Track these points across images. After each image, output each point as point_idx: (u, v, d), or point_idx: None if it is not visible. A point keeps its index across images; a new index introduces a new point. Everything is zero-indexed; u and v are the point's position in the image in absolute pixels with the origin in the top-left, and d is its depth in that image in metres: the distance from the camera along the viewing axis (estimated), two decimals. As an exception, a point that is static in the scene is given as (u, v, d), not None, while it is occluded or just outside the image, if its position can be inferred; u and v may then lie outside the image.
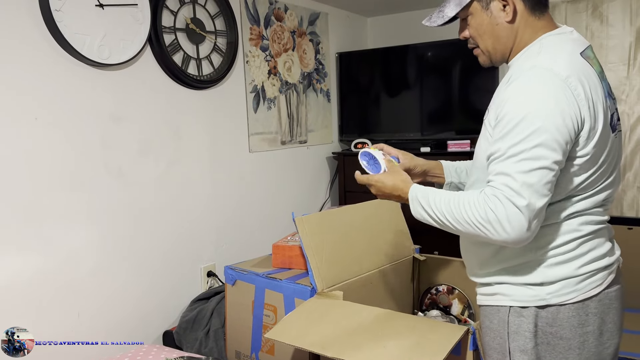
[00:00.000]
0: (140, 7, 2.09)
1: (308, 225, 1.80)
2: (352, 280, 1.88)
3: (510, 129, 1.07)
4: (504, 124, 1.08)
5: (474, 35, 1.25)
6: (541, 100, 1.06)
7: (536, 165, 1.04)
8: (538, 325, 1.16)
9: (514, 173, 1.05)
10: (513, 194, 1.04)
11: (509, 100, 1.09)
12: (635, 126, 2.86)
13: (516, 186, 1.04)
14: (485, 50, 1.26)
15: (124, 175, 2.12)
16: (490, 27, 1.22)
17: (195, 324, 2.26)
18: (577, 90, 1.07)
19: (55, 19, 1.81)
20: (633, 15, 2.80)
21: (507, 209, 1.04)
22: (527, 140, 1.04)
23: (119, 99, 2.10)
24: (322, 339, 1.48)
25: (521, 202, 1.03)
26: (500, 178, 1.07)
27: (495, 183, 1.08)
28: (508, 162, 1.06)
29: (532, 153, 1.04)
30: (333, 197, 3.41)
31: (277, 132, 2.94)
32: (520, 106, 1.07)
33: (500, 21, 1.20)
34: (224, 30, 2.53)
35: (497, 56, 1.25)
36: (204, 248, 2.51)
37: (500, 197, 1.05)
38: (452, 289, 2.10)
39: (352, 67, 3.39)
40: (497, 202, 1.05)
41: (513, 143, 1.06)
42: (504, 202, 1.05)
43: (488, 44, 1.24)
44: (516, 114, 1.06)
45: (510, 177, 1.05)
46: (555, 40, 1.17)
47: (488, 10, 1.21)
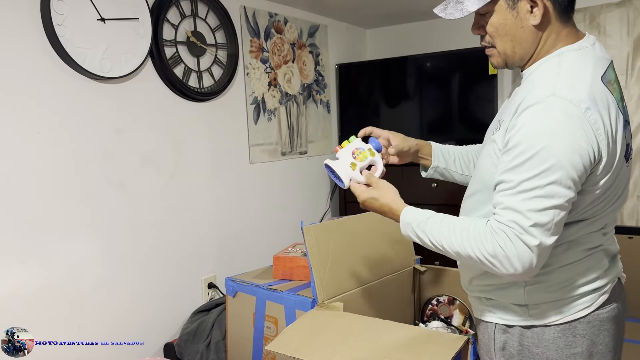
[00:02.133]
0: (141, 21, 2.11)
1: (315, 235, 1.80)
2: (352, 292, 1.88)
3: (523, 161, 0.99)
4: (517, 154, 1.01)
5: (492, 35, 1.13)
6: (559, 134, 0.98)
7: (549, 204, 0.98)
8: (524, 345, 1.14)
9: (526, 211, 0.99)
10: (523, 232, 0.99)
11: (523, 128, 1.01)
12: (634, 136, 2.87)
13: (527, 225, 0.98)
14: (503, 52, 1.14)
15: (125, 187, 2.13)
16: (513, 28, 1.10)
17: (196, 336, 2.26)
18: (597, 124, 1.00)
19: (58, 33, 1.83)
20: (630, 25, 2.82)
21: (517, 247, 0.99)
22: (541, 176, 0.98)
23: (120, 111, 2.11)
24: (323, 351, 1.48)
25: (532, 242, 0.98)
26: (510, 214, 1.00)
27: (503, 219, 1.01)
28: (519, 197, 0.99)
29: (545, 191, 0.98)
30: (334, 208, 3.42)
31: (278, 143, 2.95)
32: (535, 138, 0.99)
33: (526, 24, 1.09)
34: (225, 43, 2.55)
35: (514, 60, 1.14)
36: (204, 259, 2.51)
37: (509, 235, 1.00)
38: (453, 300, 2.09)
39: (352, 78, 3.41)
40: (507, 240, 1.00)
41: (526, 177, 0.99)
42: (514, 239, 0.99)
43: (507, 46, 1.12)
44: (531, 145, 0.99)
45: (522, 215, 0.99)
46: (576, 58, 1.08)
47: (514, 10, 1.09)
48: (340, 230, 1.90)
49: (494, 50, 1.15)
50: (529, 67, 1.14)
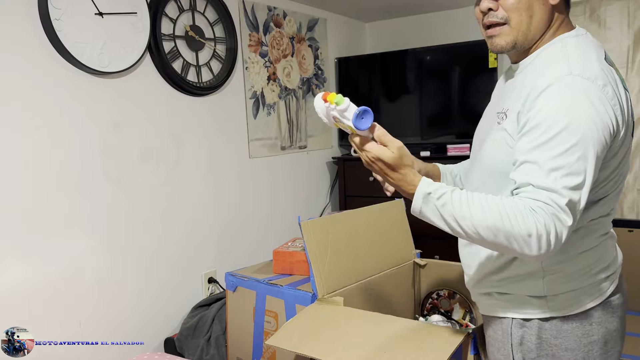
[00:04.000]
0: (139, 16, 2.10)
1: (313, 230, 1.80)
2: (352, 286, 1.88)
3: (548, 139, 0.98)
4: (540, 133, 0.99)
5: (512, 8, 1.09)
6: (580, 110, 0.98)
7: (579, 181, 0.97)
8: (542, 337, 1.13)
9: (561, 189, 0.96)
10: (560, 210, 0.96)
11: (545, 107, 1.00)
12: (635, 129, 2.87)
13: (563, 203, 0.96)
14: (518, 28, 1.10)
15: (124, 182, 2.13)
16: (537, 4, 1.08)
17: (197, 330, 2.26)
18: (614, 100, 1.02)
19: (55, 28, 1.82)
20: (631, 18, 2.81)
21: (557, 227, 0.96)
22: (569, 152, 0.97)
23: (119, 106, 2.10)
24: (323, 345, 1.48)
25: (568, 222, 0.96)
26: (546, 193, 0.97)
27: (541, 196, 0.97)
28: (551, 176, 0.97)
29: (575, 168, 0.97)
30: (333, 202, 3.42)
31: (277, 137, 2.94)
32: (559, 115, 0.98)
33: (547, 2, 1.09)
34: (223, 37, 2.54)
35: (527, 39, 1.11)
36: (204, 254, 2.51)
37: (548, 213, 0.96)
38: (453, 294, 2.09)
39: (351, 72, 3.40)
40: (547, 218, 0.96)
41: (554, 155, 0.97)
42: (553, 218, 0.96)
43: (525, 22, 1.09)
44: (555, 123, 0.98)
45: (557, 194, 0.96)
46: (577, 43, 1.10)
47: None
48: (339, 224, 1.89)
49: (505, 27, 1.11)
50: (531, 53, 1.14)
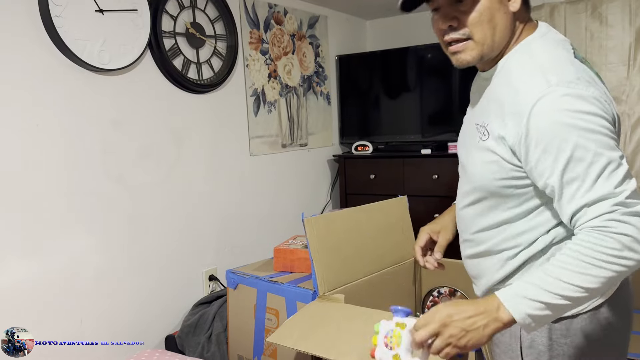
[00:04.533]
0: (140, 13, 2.09)
1: (316, 227, 1.80)
2: (354, 283, 1.88)
3: (568, 159, 0.94)
4: (555, 156, 0.95)
5: (473, 23, 1.04)
6: (580, 116, 0.94)
7: (622, 173, 0.94)
8: (552, 338, 1.11)
9: (613, 190, 0.92)
10: (627, 206, 0.91)
11: (542, 130, 0.96)
12: (636, 127, 2.86)
13: (624, 198, 0.92)
14: (483, 42, 1.05)
15: (125, 180, 2.13)
16: (497, 14, 1.04)
17: (198, 328, 2.26)
18: (598, 93, 0.99)
19: (56, 25, 1.81)
20: (632, 15, 2.80)
21: (636, 221, 0.91)
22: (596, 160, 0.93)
23: (119, 104, 2.10)
24: (324, 343, 1.48)
25: (638, 207, 0.91)
26: (603, 203, 0.92)
27: (602, 208, 0.92)
28: (597, 185, 0.93)
29: (610, 167, 0.93)
30: (334, 200, 3.41)
31: (278, 135, 2.94)
32: (563, 133, 0.94)
33: (507, 10, 1.05)
34: (224, 35, 2.54)
35: (493, 50, 1.07)
36: (205, 252, 2.51)
37: (621, 217, 0.91)
38: (454, 291, 2.09)
39: (352, 69, 3.40)
40: (623, 225, 0.90)
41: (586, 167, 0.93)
42: (629, 218, 0.91)
43: (489, 34, 1.05)
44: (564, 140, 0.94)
45: (614, 197, 0.92)
46: (544, 46, 1.07)
47: None
48: (341, 221, 1.89)
49: (469, 42, 1.07)
50: (499, 61, 1.10)
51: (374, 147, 3.29)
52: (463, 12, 1.05)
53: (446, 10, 1.07)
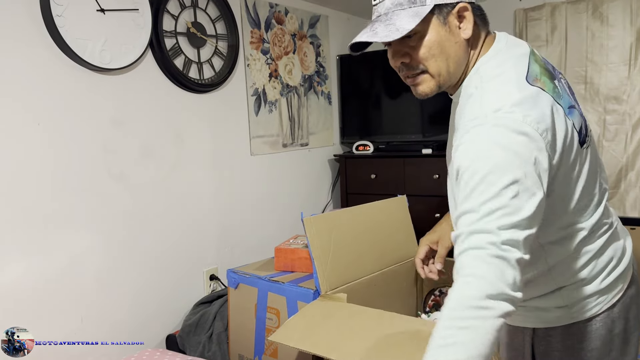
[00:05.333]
0: (141, 12, 2.09)
1: (316, 226, 1.80)
2: (355, 282, 1.88)
3: (476, 184, 0.90)
4: (466, 180, 0.92)
5: (425, 57, 1.02)
6: (502, 150, 0.90)
7: (517, 219, 0.88)
8: (567, 344, 1.12)
9: (496, 229, 0.87)
10: (501, 250, 0.87)
11: (463, 154, 0.94)
12: (637, 126, 2.86)
13: (500, 242, 0.87)
14: (438, 73, 1.03)
15: (126, 179, 2.13)
16: (448, 45, 1.02)
17: (198, 327, 2.26)
18: (541, 124, 0.93)
19: (57, 25, 1.82)
20: (633, 15, 2.80)
21: (505, 269, 0.87)
22: (500, 194, 0.88)
23: (120, 103, 2.10)
24: (326, 342, 1.48)
25: (514, 255, 0.87)
26: (480, 236, 0.89)
27: (477, 241, 0.88)
28: (485, 219, 0.88)
29: (511, 206, 0.88)
30: (335, 199, 3.41)
31: (279, 134, 2.94)
32: (481, 160, 0.91)
33: (459, 39, 1.02)
34: (225, 34, 2.54)
35: (450, 80, 1.06)
36: (206, 251, 2.51)
37: (491, 259, 0.86)
38: (455, 291, 2.09)
39: (353, 69, 3.40)
40: (492, 269, 0.86)
41: (484, 199, 0.89)
42: (498, 262, 0.86)
43: (442, 65, 1.03)
44: (479, 167, 0.90)
45: (492, 234, 0.87)
46: (494, 70, 1.02)
47: (446, 25, 1.01)
48: (342, 221, 1.90)
49: (424, 75, 1.04)
50: (460, 85, 1.08)
51: (374, 146, 3.29)
52: (413, 48, 1.02)
53: (397, 47, 1.05)
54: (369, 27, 1.04)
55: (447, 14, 1.01)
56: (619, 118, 2.90)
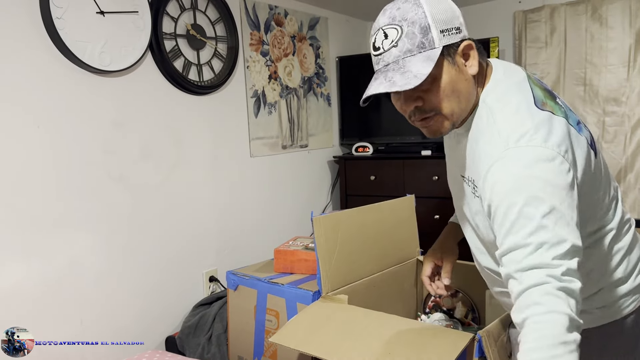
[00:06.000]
0: (140, 14, 2.10)
1: (324, 226, 1.79)
2: (356, 283, 1.88)
3: (515, 219, 0.91)
4: (503, 215, 0.93)
5: (439, 99, 1.02)
6: (534, 178, 0.92)
7: (567, 247, 0.89)
8: (604, 342, 1.12)
9: (551, 260, 0.88)
10: (562, 281, 0.88)
11: (496, 190, 0.95)
12: (636, 128, 2.87)
13: (559, 274, 0.88)
14: (451, 113, 1.03)
15: (126, 181, 2.13)
16: (459, 84, 1.02)
17: (198, 329, 2.26)
18: (562, 146, 0.95)
19: (57, 27, 1.82)
20: (633, 17, 2.80)
21: (567, 300, 0.88)
22: (542, 223, 0.89)
23: (120, 105, 2.10)
24: (326, 344, 1.48)
25: (575, 284, 0.88)
26: (538, 272, 0.89)
27: (536, 277, 0.89)
28: (538, 252, 0.90)
29: (555, 235, 0.89)
30: (334, 201, 3.42)
31: (278, 136, 2.94)
32: (514, 191, 0.92)
33: (468, 76, 1.03)
34: (225, 36, 2.54)
35: (462, 115, 1.06)
36: (205, 253, 2.51)
37: (555, 292, 0.87)
38: (456, 292, 2.09)
39: (353, 71, 3.40)
40: (557, 301, 0.87)
41: (528, 232, 0.90)
42: (561, 294, 0.87)
43: (455, 105, 1.03)
44: (514, 200, 0.92)
45: (550, 267, 0.88)
46: (499, 100, 1.03)
47: (455, 65, 1.01)
48: (349, 221, 1.89)
49: (437, 117, 1.04)
50: (468, 118, 1.08)
51: (374, 148, 3.29)
52: (426, 91, 1.01)
53: (408, 92, 1.03)
54: (382, 77, 1.01)
55: (454, 54, 1.01)
56: (618, 120, 2.90)
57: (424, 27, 0.99)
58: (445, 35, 1.00)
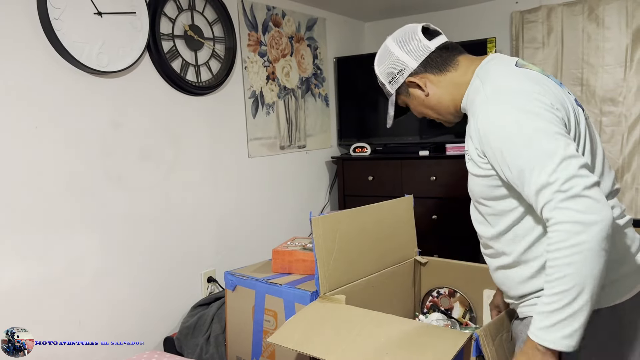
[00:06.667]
0: (138, 15, 2.10)
1: (322, 226, 1.79)
2: (354, 283, 1.88)
3: (518, 150, 1.05)
4: (503, 150, 1.09)
5: (422, 115, 1.42)
6: (514, 107, 1.09)
7: (564, 153, 1.01)
8: (611, 322, 1.13)
9: (556, 172, 0.99)
10: (572, 180, 0.98)
11: (484, 127, 1.13)
12: (633, 128, 2.87)
13: (566, 176, 0.99)
14: (440, 115, 1.37)
15: (124, 181, 2.13)
16: (425, 102, 1.34)
17: (196, 329, 2.26)
18: (537, 77, 1.15)
19: (54, 28, 1.82)
20: (629, 17, 2.81)
21: (581, 199, 0.97)
22: (535, 144, 1.03)
23: (118, 106, 2.10)
24: (324, 344, 1.48)
25: (585, 181, 0.97)
26: (550, 187, 1.00)
27: (550, 191, 1.00)
28: (538, 171, 1.02)
29: (550, 147, 1.02)
30: (332, 201, 3.42)
31: (276, 137, 2.94)
32: (506, 117, 1.10)
33: (425, 97, 1.33)
34: (222, 37, 2.54)
35: (449, 115, 1.35)
36: (204, 254, 2.51)
37: (569, 194, 0.97)
38: (454, 292, 2.10)
39: (350, 71, 3.41)
40: (569, 201, 0.97)
41: (528, 157, 1.04)
42: (574, 201, 0.97)
43: (432, 112, 1.37)
44: (506, 132, 1.09)
45: (556, 183, 0.99)
46: (489, 68, 1.23)
47: (411, 95, 1.35)
48: (347, 221, 1.89)
49: (439, 118, 1.40)
50: (462, 104, 1.31)
51: (372, 148, 3.29)
52: (412, 111, 1.44)
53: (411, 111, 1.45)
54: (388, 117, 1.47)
55: (405, 90, 1.35)
56: (615, 120, 2.91)
57: (381, 82, 1.40)
58: (393, 83, 1.36)
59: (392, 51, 1.34)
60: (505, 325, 1.49)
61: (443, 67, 1.29)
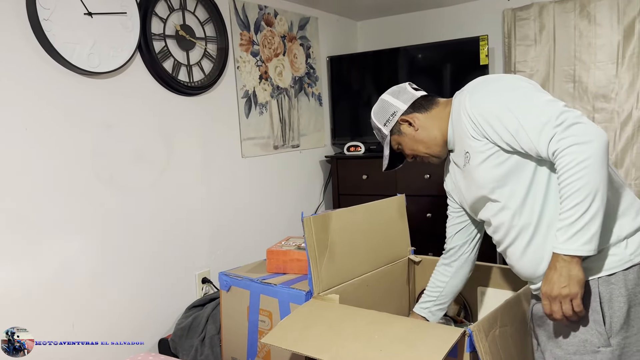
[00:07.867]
0: (129, 15, 2.09)
1: (314, 226, 1.79)
2: (348, 283, 1.88)
3: (515, 107, 1.25)
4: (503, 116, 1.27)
5: (413, 154, 1.57)
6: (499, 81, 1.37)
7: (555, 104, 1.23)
8: (629, 288, 1.21)
9: (549, 113, 1.20)
10: (562, 115, 1.18)
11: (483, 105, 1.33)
12: (625, 124, 2.89)
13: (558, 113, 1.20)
14: (429, 151, 1.53)
15: (116, 183, 2.12)
16: (415, 137, 1.53)
17: (191, 331, 2.25)
18: None
19: (44, 29, 1.80)
20: (620, 13, 2.82)
21: (574, 126, 1.17)
22: (529, 98, 1.26)
23: (109, 107, 2.09)
24: (318, 343, 1.48)
25: (573, 118, 1.18)
26: (548, 129, 1.19)
27: (550, 129, 1.20)
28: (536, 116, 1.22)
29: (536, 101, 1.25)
30: (327, 201, 3.42)
31: (270, 136, 2.93)
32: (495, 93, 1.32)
33: (415, 132, 1.53)
34: (214, 36, 2.53)
35: (437, 147, 1.52)
36: (198, 254, 2.51)
37: (561, 137, 1.17)
38: (448, 290, 2.09)
39: (343, 70, 3.40)
40: (568, 134, 1.17)
41: (527, 108, 1.24)
42: (571, 128, 1.16)
43: (422, 147, 1.54)
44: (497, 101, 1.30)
45: (553, 118, 1.19)
46: (461, 91, 1.45)
47: (403, 133, 1.55)
48: (339, 221, 1.89)
49: (422, 157, 1.58)
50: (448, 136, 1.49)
51: (366, 147, 3.29)
52: (403, 151, 1.61)
53: (397, 154, 1.64)
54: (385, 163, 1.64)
55: (398, 130, 1.55)
56: (608, 116, 2.92)
57: (376, 127, 1.61)
58: (387, 125, 1.57)
59: (387, 100, 1.58)
60: (499, 321, 1.49)
61: (427, 106, 1.54)
